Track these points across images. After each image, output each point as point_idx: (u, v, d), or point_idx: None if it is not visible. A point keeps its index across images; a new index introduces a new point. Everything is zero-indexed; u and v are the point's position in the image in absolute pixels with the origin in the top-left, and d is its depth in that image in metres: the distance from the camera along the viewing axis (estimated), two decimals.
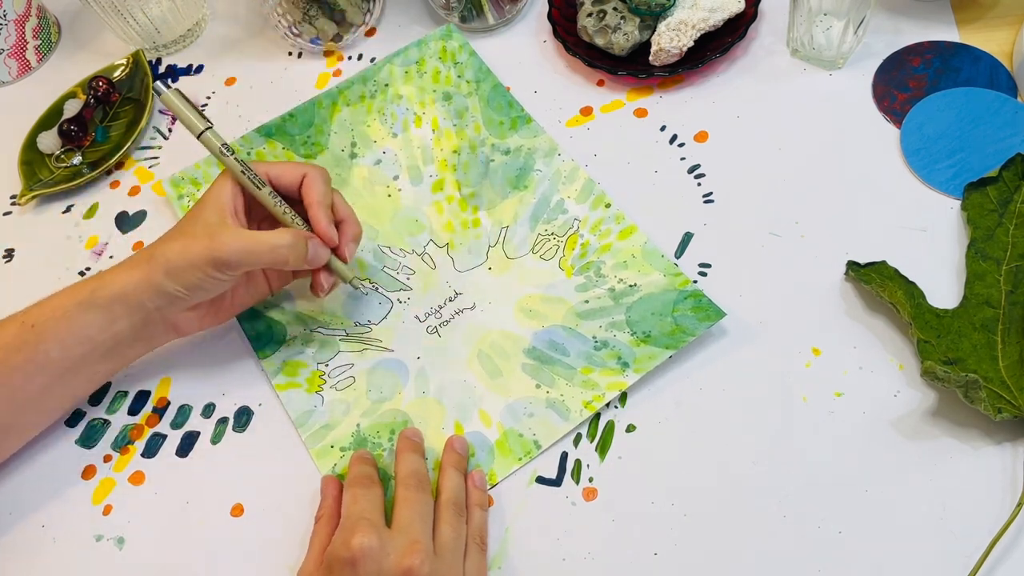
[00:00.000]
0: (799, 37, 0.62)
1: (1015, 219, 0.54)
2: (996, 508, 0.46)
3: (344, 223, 0.53)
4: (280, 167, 0.53)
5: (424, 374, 0.55)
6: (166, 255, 0.49)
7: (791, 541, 0.47)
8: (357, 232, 0.54)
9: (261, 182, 0.51)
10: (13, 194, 0.68)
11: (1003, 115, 0.58)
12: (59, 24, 0.79)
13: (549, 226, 0.59)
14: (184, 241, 0.49)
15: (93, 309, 0.50)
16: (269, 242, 0.49)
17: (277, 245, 0.49)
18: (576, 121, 0.64)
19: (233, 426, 0.55)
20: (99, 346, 0.51)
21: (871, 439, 0.49)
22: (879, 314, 0.53)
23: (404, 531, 0.45)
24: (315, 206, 0.52)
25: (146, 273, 0.50)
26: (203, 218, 0.50)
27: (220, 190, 0.51)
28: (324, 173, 0.53)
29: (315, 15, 0.69)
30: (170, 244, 0.50)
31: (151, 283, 0.50)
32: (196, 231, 0.50)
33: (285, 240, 0.50)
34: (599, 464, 0.51)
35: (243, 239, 0.49)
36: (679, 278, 0.55)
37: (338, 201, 0.54)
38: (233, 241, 0.49)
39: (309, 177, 0.52)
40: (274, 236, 0.50)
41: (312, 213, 0.52)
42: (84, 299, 0.50)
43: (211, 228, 0.49)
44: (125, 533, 0.52)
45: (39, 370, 0.50)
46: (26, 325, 0.50)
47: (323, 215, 0.52)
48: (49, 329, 0.50)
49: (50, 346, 0.50)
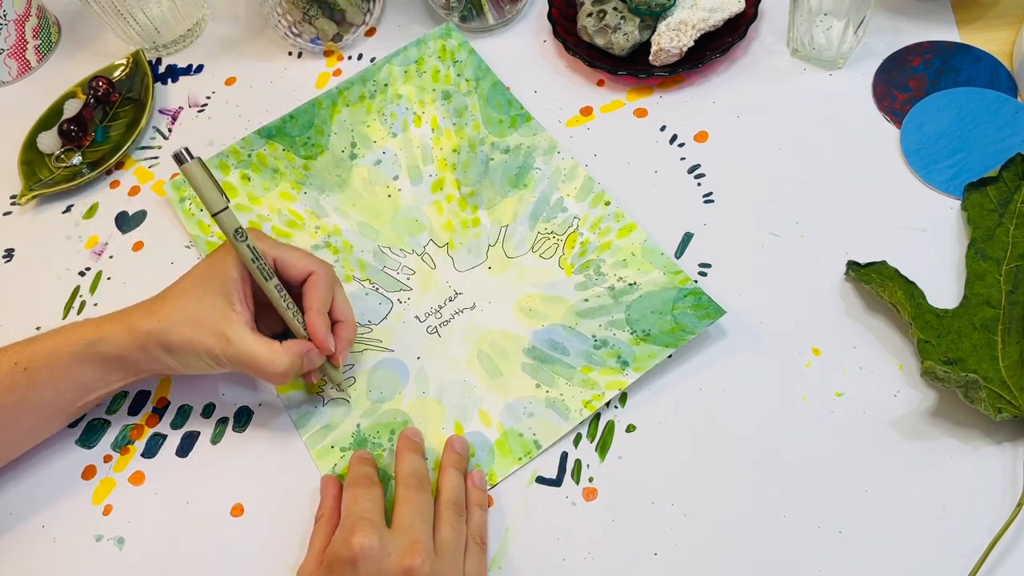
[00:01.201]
0: (799, 37, 0.62)
1: (1015, 219, 0.54)
2: (996, 508, 0.46)
3: (340, 325, 0.53)
4: (290, 254, 0.52)
5: (424, 374, 0.55)
6: (170, 338, 0.49)
7: (791, 541, 0.47)
8: (352, 336, 0.53)
9: (269, 273, 0.50)
10: (13, 194, 0.68)
11: (1003, 115, 0.58)
12: (59, 24, 0.79)
13: (549, 225, 0.59)
14: (188, 329, 0.49)
15: (89, 363, 0.50)
16: (269, 360, 0.49)
17: (275, 370, 0.49)
18: (576, 121, 0.64)
19: (233, 426, 0.55)
20: (93, 392, 0.52)
21: (871, 439, 0.49)
22: (879, 314, 0.53)
23: (405, 531, 0.45)
24: (314, 312, 0.51)
25: (146, 344, 0.50)
26: (210, 302, 0.49)
27: (230, 268, 0.50)
28: (329, 275, 0.52)
29: (315, 15, 0.69)
30: (174, 327, 0.49)
31: (150, 354, 0.50)
32: (202, 320, 0.49)
33: (283, 365, 0.49)
34: (599, 464, 0.51)
35: (245, 349, 0.49)
36: (679, 276, 0.55)
37: (339, 300, 0.53)
38: (236, 348, 0.49)
39: (314, 278, 0.52)
40: (275, 356, 0.49)
41: (310, 319, 0.51)
42: (79, 352, 0.50)
43: (217, 321, 0.49)
44: (125, 533, 0.52)
45: (31, 412, 0.51)
46: (18, 367, 0.50)
47: (321, 323, 0.51)
48: (43, 376, 0.50)
49: (43, 391, 0.50)
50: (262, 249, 0.50)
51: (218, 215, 0.49)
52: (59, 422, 0.54)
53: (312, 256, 0.53)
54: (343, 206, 0.63)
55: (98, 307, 0.61)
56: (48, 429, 0.54)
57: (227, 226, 0.49)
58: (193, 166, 0.48)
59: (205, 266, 0.51)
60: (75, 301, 0.62)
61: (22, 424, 0.51)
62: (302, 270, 0.52)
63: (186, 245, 0.63)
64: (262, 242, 0.51)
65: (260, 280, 0.50)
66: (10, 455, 0.53)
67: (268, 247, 0.51)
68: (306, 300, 0.52)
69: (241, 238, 0.49)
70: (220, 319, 0.49)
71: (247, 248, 0.49)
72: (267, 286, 0.50)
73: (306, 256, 0.52)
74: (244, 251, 0.49)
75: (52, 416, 0.52)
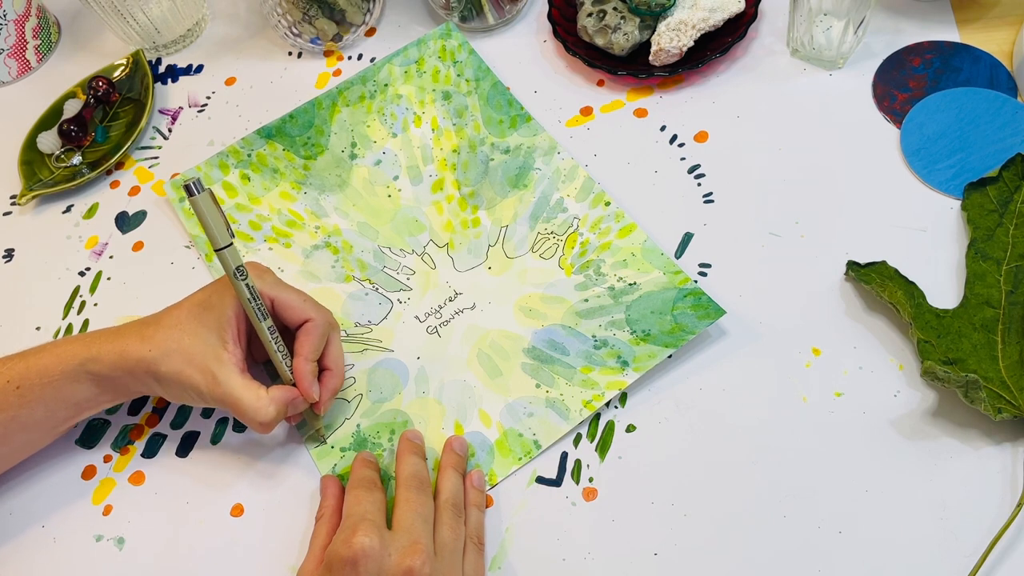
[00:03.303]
0: (799, 37, 0.62)
1: (1015, 219, 0.54)
2: (996, 508, 0.46)
3: (328, 374, 0.52)
4: (288, 297, 0.51)
5: (424, 374, 0.55)
6: (159, 368, 0.49)
7: (791, 541, 0.47)
8: (338, 386, 0.53)
9: (264, 314, 0.50)
10: (13, 194, 0.68)
11: (1003, 115, 0.58)
12: (59, 24, 0.79)
13: (549, 225, 0.59)
14: (179, 363, 0.49)
15: (82, 382, 0.50)
16: (254, 408, 0.48)
17: (259, 419, 0.49)
18: (576, 121, 0.64)
19: (233, 426, 0.55)
20: (85, 411, 0.52)
21: (871, 439, 0.49)
22: (879, 314, 0.53)
23: (405, 532, 0.45)
24: (302, 360, 0.51)
25: (135, 371, 0.49)
26: (203, 337, 0.49)
27: (226, 306, 0.50)
28: (326, 323, 0.52)
29: (315, 15, 0.69)
30: (165, 357, 0.49)
31: (139, 379, 0.50)
32: (194, 356, 0.49)
33: (268, 415, 0.49)
34: (599, 464, 0.51)
35: (232, 393, 0.48)
36: (679, 276, 0.55)
37: (332, 347, 0.53)
38: (223, 391, 0.48)
39: (309, 325, 0.51)
40: (260, 404, 0.48)
41: (297, 366, 0.51)
42: (72, 371, 0.50)
43: (208, 359, 0.49)
44: (125, 533, 0.52)
45: (21, 429, 0.51)
46: (11, 386, 0.49)
47: (308, 371, 0.51)
48: (35, 395, 0.50)
49: (35, 409, 0.50)
50: (261, 289, 0.50)
51: (221, 251, 0.48)
52: (51, 437, 0.54)
53: (311, 301, 0.52)
54: (343, 206, 0.63)
55: (98, 307, 0.61)
56: (39, 444, 0.54)
57: (228, 263, 0.48)
58: (203, 199, 0.47)
59: (203, 297, 0.51)
60: (75, 301, 0.62)
61: (14, 441, 0.51)
62: (299, 315, 0.51)
63: (186, 245, 0.63)
64: (262, 280, 0.51)
65: (254, 320, 0.50)
66: (1, 469, 0.53)
67: (268, 287, 0.51)
68: (297, 345, 0.51)
69: (241, 276, 0.49)
70: (211, 357, 0.49)
71: (245, 288, 0.49)
72: (260, 327, 0.50)
73: (305, 301, 0.52)
74: (242, 290, 0.49)
75: (44, 433, 0.52)
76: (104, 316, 0.61)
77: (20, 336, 0.61)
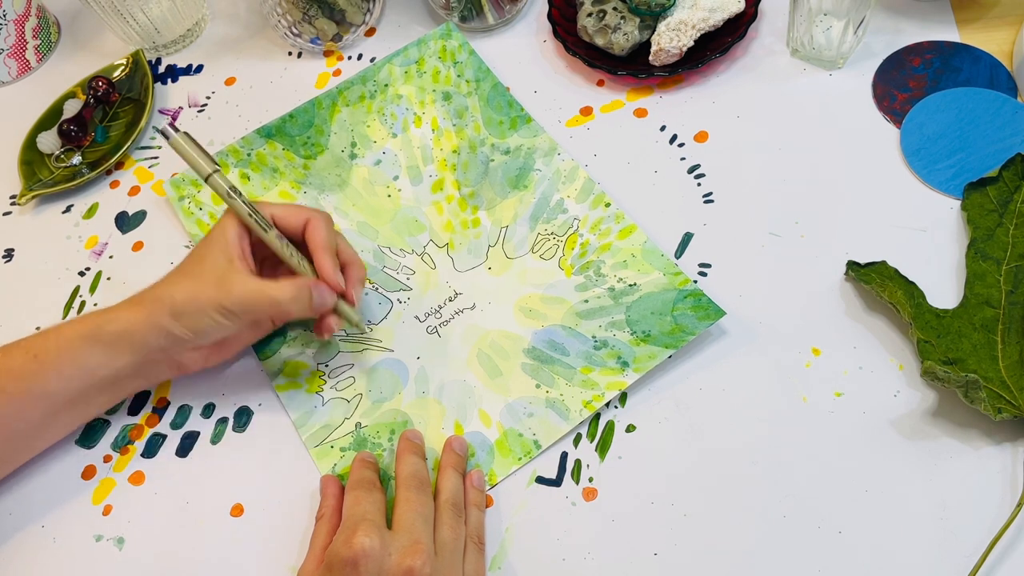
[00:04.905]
0: (799, 37, 0.62)
1: (1015, 219, 0.54)
2: (996, 508, 0.46)
3: (348, 266, 0.53)
4: (283, 209, 0.53)
5: (424, 374, 0.55)
6: (173, 297, 0.49)
7: (791, 541, 0.47)
8: (362, 275, 0.54)
9: (268, 225, 0.51)
10: (13, 194, 0.68)
11: (1003, 115, 0.58)
12: (59, 24, 0.79)
13: (549, 226, 0.59)
14: (191, 284, 0.49)
15: (97, 344, 0.50)
16: (273, 296, 0.49)
17: (280, 299, 0.49)
18: (576, 121, 0.64)
19: (233, 426, 0.55)
20: (99, 380, 0.51)
21: (871, 439, 0.49)
22: (879, 314, 0.53)
23: (406, 531, 0.45)
24: (320, 251, 0.51)
25: (152, 313, 0.49)
26: (210, 260, 0.50)
27: (226, 231, 0.51)
28: (327, 218, 0.53)
29: (315, 15, 0.69)
30: (177, 286, 0.50)
31: (156, 324, 0.49)
32: (204, 274, 0.49)
33: (288, 294, 0.49)
34: (599, 464, 0.51)
35: (250, 289, 0.49)
36: (679, 277, 0.55)
37: (342, 245, 0.54)
38: (240, 290, 0.49)
39: (313, 222, 0.52)
40: (278, 289, 0.49)
41: (317, 258, 0.51)
42: (88, 332, 0.50)
43: (219, 272, 0.49)
44: (125, 533, 0.52)
45: (36, 401, 0.50)
46: (29, 354, 0.50)
47: (328, 260, 0.51)
48: (51, 360, 0.50)
49: (48, 378, 0.50)
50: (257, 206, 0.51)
51: (210, 178, 0.49)
52: (67, 414, 0.52)
53: (306, 207, 0.53)
54: (343, 206, 0.63)
55: (98, 307, 0.61)
56: (53, 428, 0.53)
57: (221, 185, 0.49)
58: (181, 138, 0.49)
59: (202, 240, 0.52)
60: (75, 301, 0.62)
61: (28, 415, 0.51)
62: (299, 219, 0.52)
63: (186, 245, 0.63)
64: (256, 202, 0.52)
65: (260, 232, 0.50)
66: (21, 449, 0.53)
67: (262, 207, 0.52)
68: (310, 242, 0.52)
69: (237, 194, 0.50)
70: (222, 270, 0.49)
71: (243, 204, 0.50)
72: (268, 237, 0.51)
73: (299, 207, 0.53)
74: (240, 207, 0.50)
75: (58, 407, 0.51)
76: None
77: (20, 336, 0.60)
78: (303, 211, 0.53)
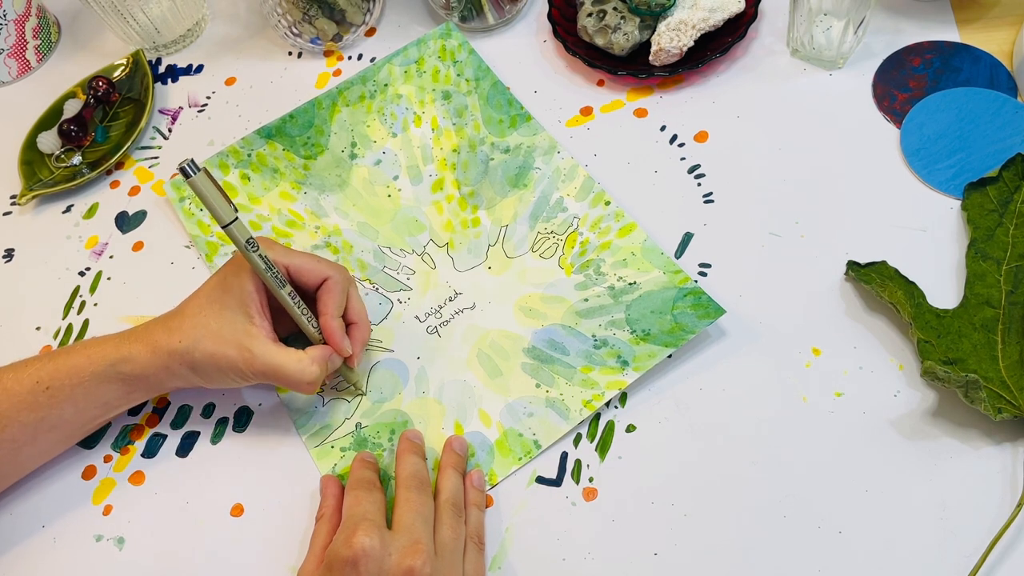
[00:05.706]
0: (799, 37, 0.62)
1: (1015, 219, 0.54)
2: (996, 508, 0.46)
3: (355, 327, 0.53)
4: (302, 261, 0.52)
5: (424, 374, 0.55)
6: (193, 356, 0.49)
7: (791, 541, 0.47)
8: (366, 337, 0.54)
9: (282, 281, 0.50)
10: (13, 194, 0.68)
11: (1003, 115, 0.58)
12: (59, 24, 0.79)
13: (549, 224, 0.59)
14: (212, 344, 0.49)
15: (112, 383, 0.51)
16: (298, 370, 0.49)
17: (305, 379, 0.49)
18: (576, 121, 0.64)
19: (233, 426, 0.55)
20: (114, 410, 0.53)
21: (871, 439, 0.49)
22: (879, 314, 0.53)
23: (406, 531, 0.45)
24: (329, 318, 0.51)
25: (170, 364, 0.50)
26: (229, 315, 0.50)
27: (245, 281, 0.50)
28: (344, 278, 0.52)
29: (315, 15, 0.69)
30: (197, 345, 0.49)
31: (174, 372, 0.50)
32: (223, 332, 0.49)
33: (313, 374, 0.49)
34: (599, 464, 0.51)
35: (271, 361, 0.49)
36: (679, 275, 0.55)
37: (353, 301, 0.53)
38: (260, 362, 0.49)
39: (329, 283, 0.52)
40: (303, 365, 0.49)
41: (325, 324, 0.51)
42: (102, 371, 0.50)
43: (239, 335, 0.49)
44: (125, 533, 0.52)
45: (51, 430, 0.51)
46: (40, 386, 0.50)
47: (337, 327, 0.51)
48: (65, 395, 0.50)
49: (64, 409, 0.50)
50: (274, 258, 0.50)
51: (228, 227, 0.47)
52: (77, 438, 0.54)
53: (324, 260, 0.53)
54: (343, 206, 0.63)
55: (98, 307, 0.61)
56: (65, 445, 0.54)
57: (238, 238, 0.48)
58: (200, 179, 0.46)
59: (219, 279, 0.51)
60: (75, 301, 0.62)
61: (41, 442, 0.52)
62: (316, 276, 0.52)
63: (186, 245, 0.63)
64: (273, 251, 0.51)
65: (274, 289, 0.50)
66: (27, 470, 0.53)
67: (279, 255, 0.51)
68: (320, 305, 0.52)
69: (253, 248, 0.48)
70: (241, 333, 0.49)
71: (259, 259, 0.49)
72: (281, 294, 0.50)
73: (319, 261, 0.52)
74: (257, 262, 0.49)
75: (71, 433, 0.53)
76: (104, 316, 0.61)
77: (20, 336, 0.61)
78: (322, 267, 0.52)
